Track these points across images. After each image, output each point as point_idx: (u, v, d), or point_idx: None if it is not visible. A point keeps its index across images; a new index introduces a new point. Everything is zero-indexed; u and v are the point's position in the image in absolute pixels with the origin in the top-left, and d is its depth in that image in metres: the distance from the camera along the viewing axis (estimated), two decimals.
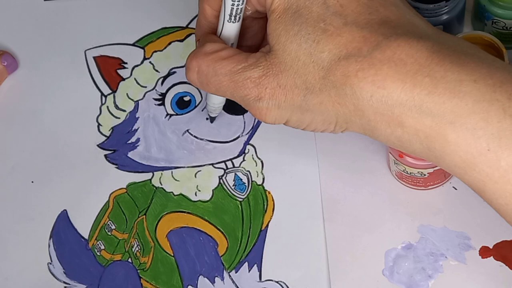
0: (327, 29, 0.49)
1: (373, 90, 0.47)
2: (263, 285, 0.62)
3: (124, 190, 0.66)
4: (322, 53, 0.48)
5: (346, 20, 0.49)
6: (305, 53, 0.49)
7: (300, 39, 0.49)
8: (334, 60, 0.48)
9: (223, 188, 0.65)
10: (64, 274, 0.64)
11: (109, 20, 0.72)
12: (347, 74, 0.48)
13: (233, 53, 0.52)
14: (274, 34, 0.50)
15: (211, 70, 0.52)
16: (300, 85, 0.50)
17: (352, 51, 0.48)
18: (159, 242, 0.64)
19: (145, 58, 0.71)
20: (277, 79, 0.50)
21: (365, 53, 0.47)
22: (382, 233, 0.61)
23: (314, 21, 0.49)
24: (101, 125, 0.68)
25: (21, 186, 0.67)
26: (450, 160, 0.47)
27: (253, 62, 0.51)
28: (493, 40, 0.60)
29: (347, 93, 0.48)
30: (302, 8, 0.49)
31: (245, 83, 0.51)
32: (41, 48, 0.72)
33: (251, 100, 0.51)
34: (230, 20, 0.54)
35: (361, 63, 0.47)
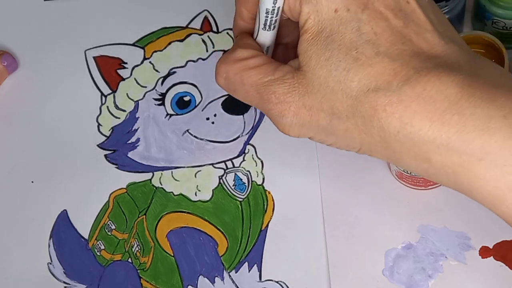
0: (358, 58, 0.48)
1: (401, 126, 0.47)
2: (263, 285, 0.62)
3: (124, 190, 0.66)
4: (352, 82, 0.48)
5: (378, 50, 0.48)
6: (334, 80, 0.48)
7: (330, 66, 0.49)
8: (363, 91, 0.48)
9: (223, 188, 0.65)
10: (64, 274, 0.64)
11: (109, 20, 0.72)
12: (375, 108, 0.47)
13: (262, 63, 0.52)
14: (305, 56, 0.50)
15: (238, 79, 0.52)
16: (327, 109, 0.49)
17: (382, 84, 0.47)
18: (159, 242, 0.64)
19: (145, 58, 0.71)
20: (302, 99, 0.50)
21: (395, 88, 0.47)
22: (382, 233, 0.61)
23: (347, 48, 0.48)
24: (101, 125, 0.68)
25: (21, 186, 0.67)
26: (478, 194, 0.47)
27: (280, 77, 0.50)
28: (493, 40, 0.60)
29: (374, 125, 0.48)
30: (335, 33, 0.49)
31: (270, 98, 0.51)
32: (41, 48, 0.72)
33: (275, 115, 0.51)
34: (265, 29, 0.54)
35: (389, 98, 0.47)
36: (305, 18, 0.50)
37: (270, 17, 0.52)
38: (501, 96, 0.46)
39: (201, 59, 0.70)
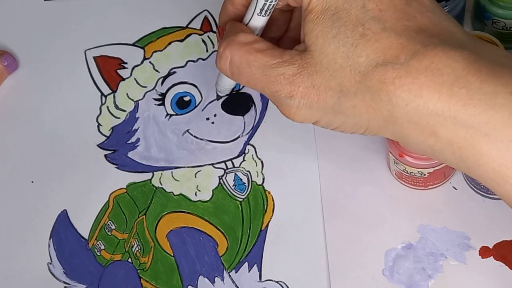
0: (365, 34, 0.48)
1: (409, 98, 0.47)
2: (263, 285, 0.62)
3: (124, 190, 0.66)
4: (359, 57, 0.48)
5: (384, 25, 0.49)
6: (342, 56, 0.49)
7: (338, 42, 0.49)
8: (371, 66, 0.48)
9: (223, 188, 0.65)
10: (64, 274, 0.64)
11: (109, 20, 0.72)
12: (384, 81, 0.48)
13: (268, 47, 0.52)
14: (311, 35, 0.50)
15: (244, 61, 0.52)
16: (335, 87, 0.49)
17: (390, 58, 0.48)
18: (159, 242, 0.64)
19: (145, 58, 0.71)
20: (311, 79, 0.50)
21: (403, 61, 0.47)
22: (382, 233, 0.61)
23: (353, 25, 0.49)
24: (101, 125, 0.68)
25: (21, 186, 0.67)
26: (483, 171, 0.47)
27: (288, 59, 0.51)
28: (493, 40, 0.60)
29: (383, 99, 0.48)
30: (340, 10, 0.49)
31: (278, 79, 0.51)
32: (41, 48, 0.72)
33: (282, 96, 0.51)
34: (260, 14, 0.54)
35: (398, 71, 0.47)
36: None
37: (270, 1, 0.52)
38: (507, 75, 0.46)
39: (201, 59, 0.70)
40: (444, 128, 0.47)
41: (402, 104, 0.47)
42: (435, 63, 0.47)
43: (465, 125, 0.46)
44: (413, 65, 0.47)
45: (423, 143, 0.49)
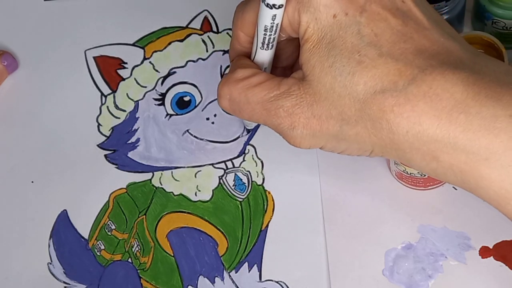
0: (362, 61, 0.48)
1: (409, 126, 0.47)
2: (263, 285, 0.62)
3: (124, 190, 0.66)
4: (357, 85, 0.48)
5: (381, 51, 0.48)
6: (340, 85, 0.49)
7: (335, 71, 0.49)
8: (370, 93, 0.48)
9: (223, 188, 0.65)
10: (64, 274, 0.64)
11: (109, 20, 0.72)
12: (383, 109, 0.48)
13: (265, 79, 0.52)
14: (308, 65, 0.50)
15: (243, 98, 0.52)
16: (336, 116, 0.49)
17: (388, 84, 0.48)
18: (159, 242, 0.64)
19: (145, 58, 0.71)
20: (311, 109, 0.50)
21: (401, 88, 0.47)
22: (382, 233, 0.61)
23: (349, 52, 0.49)
24: (101, 125, 0.68)
25: (21, 186, 0.67)
26: (485, 194, 0.48)
27: (286, 90, 0.51)
28: (493, 40, 0.60)
29: (384, 127, 0.48)
30: (336, 38, 0.49)
31: (278, 112, 0.51)
32: (41, 48, 0.72)
33: (285, 128, 0.51)
34: (263, 48, 0.54)
35: (397, 98, 0.47)
36: (304, 28, 0.50)
37: (269, 34, 0.52)
38: (507, 95, 0.46)
39: (201, 59, 0.70)
40: (445, 154, 0.47)
41: (403, 132, 0.48)
42: (433, 88, 0.47)
43: (465, 151, 0.47)
44: (412, 92, 0.47)
45: (426, 167, 0.49)
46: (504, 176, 0.46)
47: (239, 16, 0.55)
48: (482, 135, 0.46)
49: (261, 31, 0.52)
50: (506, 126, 0.46)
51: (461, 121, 0.46)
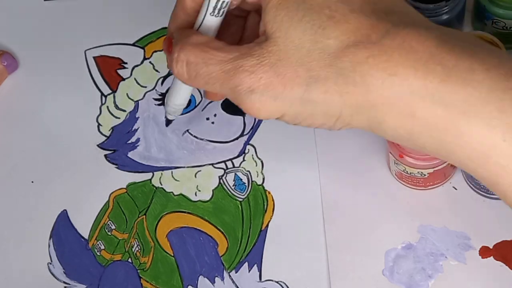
0: (333, 16, 0.47)
1: (384, 77, 0.45)
2: (263, 285, 0.62)
3: (124, 190, 0.66)
4: (328, 39, 0.46)
5: (352, 7, 0.47)
6: (310, 39, 0.46)
7: (305, 25, 0.47)
8: (342, 47, 0.46)
9: (223, 188, 0.65)
10: (64, 274, 0.64)
11: (109, 20, 0.72)
12: (357, 61, 0.45)
13: (223, 45, 0.49)
14: (274, 21, 0.48)
15: (201, 61, 0.49)
16: (303, 74, 0.47)
17: (361, 38, 0.46)
18: (159, 242, 0.64)
19: (145, 58, 0.71)
20: (274, 67, 0.47)
21: (375, 40, 0.46)
22: (382, 233, 0.61)
23: (319, 7, 0.47)
24: (101, 125, 0.68)
25: (21, 186, 0.67)
26: (462, 153, 0.45)
27: (246, 51, 0.48)
28: (493, 40, 0.60)
29: (357, 81, 0.46)
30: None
31: (237, 73, 0.47)
32: (41, 48, 0.72)
33: (242, 92, 0.47)
34: (213, 14, 0.51)
35: (371, 50, 0.45)
36: None
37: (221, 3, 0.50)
38: (481, 52, 0.45)
39: None
40: (422, 108, 0.45)
41: (377, 83, 0.45)
42: (407, 41, 0.45)
43: (443, 103, 0.45)
44: (386, 43, 0.45)
45: (400, 128, 0.46)
46: (485, 131, 0.44)
47: None
48: (461, 87, 0.44)
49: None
50: (484, 78, 0.44)
51: (438, 72, 0.45)
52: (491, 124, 0.44)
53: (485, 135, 0.44)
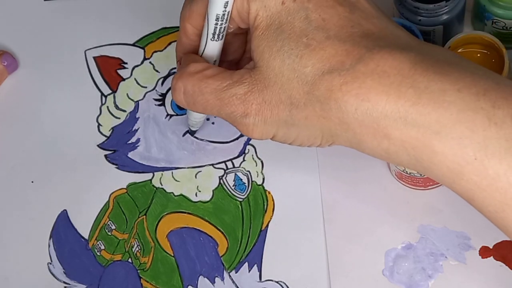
0: (309, 44, 0.49)
1: (358, 103, 0.47)
2: (263, 285, 0.62)
3: (124, 190, 0.66)
4: (305, 68, 0.49)
5: (328, 34, 0.49)
6: (288, 68, 0.49)
7: (283, 55, 0.49)
8: (318, 75, 0.48)
9: (223, 189, 0.65)
10: (64, 274, 0.64)
11: (109, 20, 0.72)
12: (331, 88, 0.48)
13: (218, 72, 0.52)
14: (257, 51, 0.51)
15: (197, 90, 0.52)
16: (285, 100, 0.50)
17: (335, 65, 0.48)
18: (159, 242, 0.64)
19: (145, 58, 0.71)
20: (262, 94, 0.50)
21: (348, 67, 0.48)
22: (382, 233, 0.62)
23: (297, 36, 0.49)
24: (101, 125, 0.68)
25: (21, 186, 0.67)
26: (438, 170, 0.47)
27: (238, 79, 0.51)
28: (493, 40, 0.61)
29: (332, 107, 0.48)
30: (284, 23, 0.50)
31: (231, 100, 0.51)
32: (41, 48, 0.72)
33: (237, 116, 0.51)
34: (214, 39, 0.54)
35: (344, 77, 0.47)
36: (254, 16, 0.51)
37: (220, 24, 0.53)
38: (454, 72, 0.46)
39: None
40: (395, 130, 0.47)
41: (351, 109, 0.48)
42: (380, 65, 0.47)
43: (416, 125, 0.46)
44: (359, 70, 0.47)
45: (377, 147, 0.49)
46: (456, 150, 0.46)
47: (187, 8, 0.55)
48: (432, 108, 0.46)
49: (212, 20, 0.53)
50: (455, 99, 0.46)
51: (410, 95, 0.46)
52: (462, 143, 0.45)
53: (457, 154, 0.46)
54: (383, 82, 0.47)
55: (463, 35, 0.61)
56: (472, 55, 0.62)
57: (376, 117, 0.47)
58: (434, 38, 0.64)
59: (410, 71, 0.47)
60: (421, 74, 0.46)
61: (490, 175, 0.45)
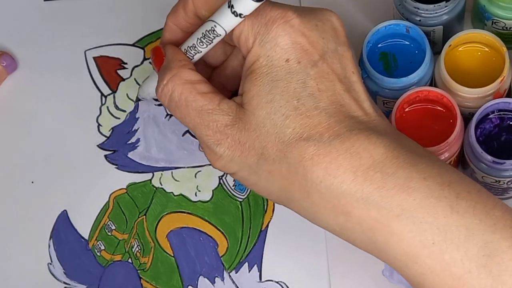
0: (298, 108, 0.50)
1: (324, 176, 0.48)
2: (263, 285, 0.62)
3: (124, 190, 0.66)
4: (287, 128, 0.50)
5: (318, 104, 0.50)
6: (271, 123, 0.50)
7: (270, 108, 0.50)
8: (296, 138, 0.49)
9: (223, 189, 0.65)
10: (64, 274, 0.64)
11: (109, 20, 0.72)
12: (303, 155, 0.49)
13: (208, 90, 0.52)
14: (247, 95, 0.51)
15: (183, 100, 0.52)
16: (258, 149, 0.51)
17: (314, 135, 0.49)
18: (159, 243, 0.64)
19: (145, 59, 0.71)
20: (239, 134, 0.51)
21: (325, 140, 0.49)
22: None
23: (289, 96, 0.50)
24: (101, 126, 0.68)
25: (21, 187, 0.67)
26: (392, 252, 0.48)
27: (225, 109, 0.51)
28: (494, 38, 0.60)
29: (298, 173, 0.49)
30: (281, 79, 0.50)
31: (211, 125, 0.52)
32: (41, 48, 0.72)
33: (210, 141, 0.52)
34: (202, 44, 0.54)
35: (318, 148, 0.49)
36: (254, 59, 0.51)
37: (217, 34, 0.52)
38: (423, 163, 0.48)
39: None
40: (356, 209, 0.48)
41: (317, 181, 0.49)
42: (355, 146, 0.48)
43: (377, 206, 0.47)
44: (334, 146, 0.48)
45: (333, 222, 0.50)
46: (415, 233, 0.47)
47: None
48: (396, 193, 0.47)
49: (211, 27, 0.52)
50: (420, 186, 0.47)
51: (376, 179, 0.47)
52: (422, 227, 0.47)
53: (415, 237, 0.47)
54: (353, 163, 0.48)
55: (463, 34, 0.61)
56: (472, 54, 0.62)
57: (338, 193, 0.48)
58: (434, 38, 0.64)
59: (382, 156, 0.48)
60: (391, 160, 0.48)
61: (446, 260, 0.46)
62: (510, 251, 0.46)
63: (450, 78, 0.59)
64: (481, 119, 0.59)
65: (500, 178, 0.58)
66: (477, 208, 0.47)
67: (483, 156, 0.57)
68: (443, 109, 0.59)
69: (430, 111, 0.60)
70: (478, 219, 0.47)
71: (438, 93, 0.59)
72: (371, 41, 0.62)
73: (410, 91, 0.59)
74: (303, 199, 0.50)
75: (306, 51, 0.51)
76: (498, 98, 0.59)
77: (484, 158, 0.57)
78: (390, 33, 0.62)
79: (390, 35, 0.62)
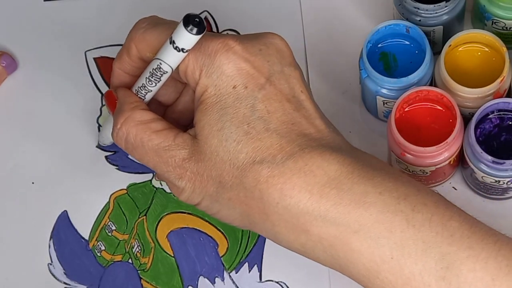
0: (249, 132, 0.50)
1: (280, 197, 0.49)
2: (263, 285, 0.62)
3: (125, 191, 0.66)
4: (240, 153, 0.50)
5: (268, 126, 0.50)
6: (224, 150, 0.51)
7: (222, 136, 0.51)
8: (249, 163, 0.50)
9: None
10: (65, 274, 0.64)
11: (109, 21, 0.72)
12: (258, 179, 0.49)
13: (163, 127, 0.53)
14: (199, 125, 0.52)
15: (139, 140, 0.53)
16: (215, 177, 0.51)
17: (267, 157, 0.50)
18: (160, 243, 0.64)
19: None
20: (197, 166, 0.52)
21: (278, 161, 0.49)
22: None
23: (239, 122, 0.51)
24: (101, 126, 0.68)
25: (21, 187, 0.67)
26: (354, 268, 0.49)
27: (180, 143, 0.52)
28: (494, 38, 0.60)
29: (255, 196, 0.50)
30: (230, 106, 0.51)
31: (169, 161, 0.52)
32: (41, 48, 0.72)
33: (171, 177, 0.53)
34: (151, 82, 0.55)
35: (272, 170, 0.49)
36: (202, 90, 0.52)
37: (164, 71, 0.53)
38: (378, 177, 0.49)
39: None
40: (315, 227, 0.48)
41: (273, 202, 0.49)
42: (309, 165, 0.49)
43: (335, 223, 0.48)
44: (288, 166, 0.49)
45: (294, 241, 0.50)
46: (373, 248, 0.47)
47: (140, 31, 0.56)
48: (352, 208, 0.48)
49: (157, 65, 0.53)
50: (376, 201, 0.48)
51: (332, 196, 0.48)
52: (380, 242, 0.47)
53: (374, 253, 0.47)
54: (308, 181, 0.48)
55: (463, 34, 0.61)
56: (472, 54, 0.62)
57: (296, 213, 0.49)
58: (434, 38, 0.64)
59: (336, 172, 0.49)
60: (346, 176, 0.48)
61: (406, 275, 0.47)
62: (468, 262, 0.46)
63: (450, 78, 0.60)
64: (481, 119, 0.59)
65: (500, 178, 0.59)
66: (434, 220, 0.47)
67: (483, 156, 0.57)
68: (443, 109, 0.60)
69: (430, 111, 0.60)
70: (434, 231, 0.47)
71: (438, 92, 0.59)
72: (371, 41, 0.62)
73: (410, 91, 0.59)
74: (263, 221, 0.51)
75: (252, 75, 0.51)
76: (498, 98, 0.59)
77: (484, 158, 0.57)
78: (390, 33, 0.62)
79: (390, 35, 0.62)
